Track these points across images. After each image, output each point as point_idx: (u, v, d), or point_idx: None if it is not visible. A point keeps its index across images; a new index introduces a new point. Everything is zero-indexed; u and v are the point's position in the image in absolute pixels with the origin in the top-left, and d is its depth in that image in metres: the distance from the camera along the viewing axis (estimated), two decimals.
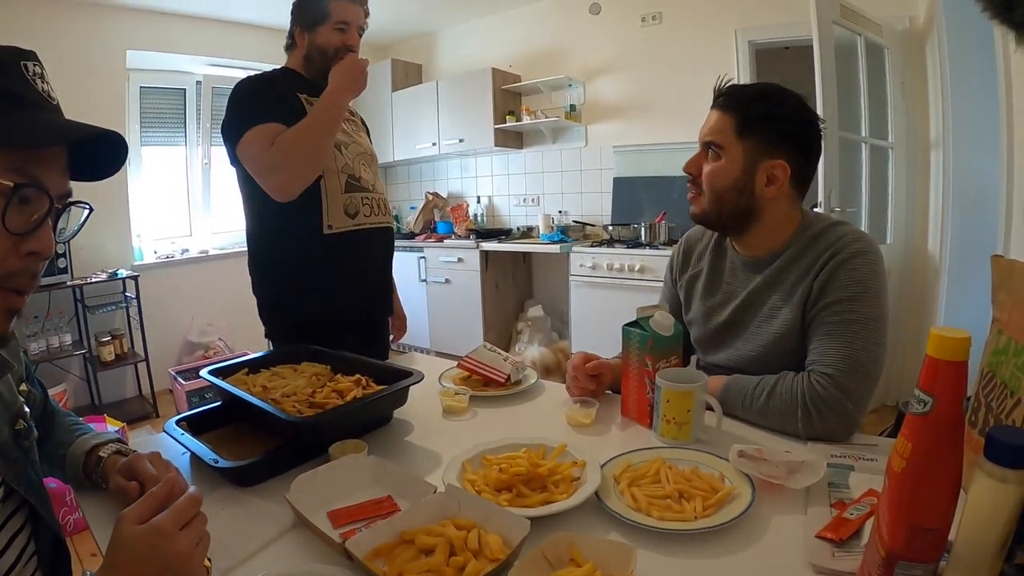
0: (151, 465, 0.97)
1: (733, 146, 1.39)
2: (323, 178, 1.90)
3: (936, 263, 3.62)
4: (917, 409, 0.70)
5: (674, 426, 1.23)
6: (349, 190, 1.96)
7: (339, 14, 1.94)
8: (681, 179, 4.65)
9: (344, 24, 1.95)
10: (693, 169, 1.47)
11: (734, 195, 1.41)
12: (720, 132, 1.40)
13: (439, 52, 6.17)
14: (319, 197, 1.90)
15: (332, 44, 1.94)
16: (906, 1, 3.79)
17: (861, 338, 1.25)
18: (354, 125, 2.14)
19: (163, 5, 4.73)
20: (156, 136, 5.21)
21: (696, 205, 1.49)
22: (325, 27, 1.93)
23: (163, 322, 4.86)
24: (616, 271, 4.35)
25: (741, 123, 1.38)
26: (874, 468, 1.09)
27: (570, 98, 5.25)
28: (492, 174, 5.90)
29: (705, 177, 1.44)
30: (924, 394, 0.69)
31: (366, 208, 2.00)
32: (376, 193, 2.07)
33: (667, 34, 4.75)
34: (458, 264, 5.09)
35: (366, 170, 2.05)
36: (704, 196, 1.45)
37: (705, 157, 1.45)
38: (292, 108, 1.86)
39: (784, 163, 1.37)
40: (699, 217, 1.50)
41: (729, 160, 1.40)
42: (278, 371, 1.48)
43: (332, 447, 1.14)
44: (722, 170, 1.41)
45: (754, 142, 1.37)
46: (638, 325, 1.36)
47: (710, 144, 1.43)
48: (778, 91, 1.40)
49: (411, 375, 1.33)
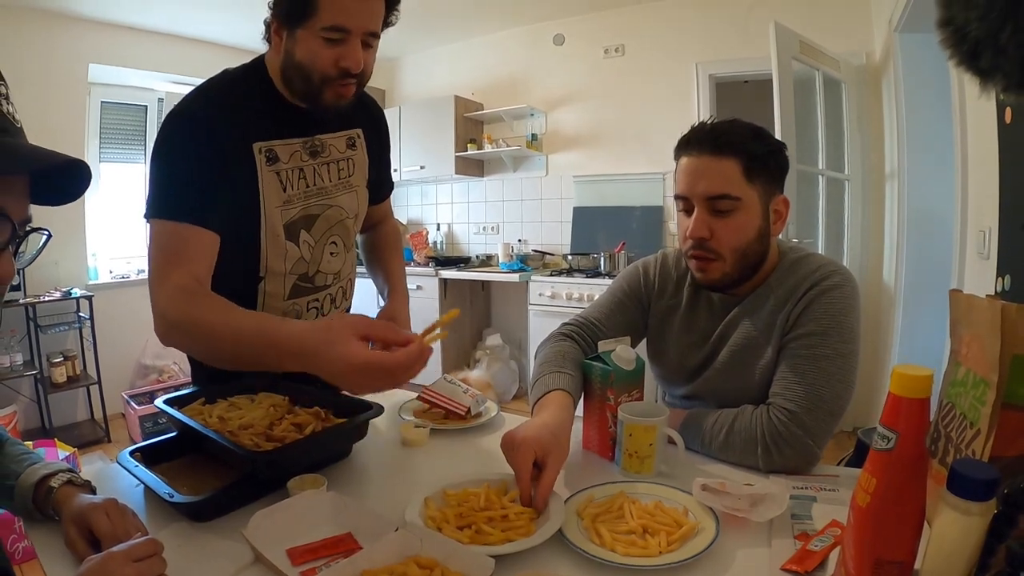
0: (107, 517, 0.93)
1: (748, 194, 1.29)
2: (264, 280, 1.45)
3: (891, 292, 3.69)
4: (881, 445, 0.70)
5: (636, 460, 1.22)
6: (295, 295, 1.51)
7: (330, 13, 1.22)
8: (641, 209, 4.76)
9: (340, 31, 1.24)
10: (705, 232, 1.32)
11: (757, 246, 1.33)
12: (730, 182, 1.28)
13: (403, 78, 6.20)
14: (256, 300, 1.46)
15: (317, 66, 1.26)
16: (863, 38, 3.95)
17: (827, 374, 1.24)
18: (346, 166, 1.54)
19: (128, 19, 4.68)
20: (115, 153, 5.12)
21: (711, 272, 1.35)
22: (308, 31, 1.23)
23: (117, 344, 4.73)
24: (575, 300, 4.36)
25: (747, 165, 1.28)
26: (836, 499, 1.09)
27: (532, 127, 5.30)
28: (452, 201, 5.90)
29: (724, 239, 1.31)
30: (888, 430, 0.69)
31: (311, 312, 1.56)
32: (337, 283, 1.61)
33: (629, 66, 4.86)
34: (417, 292, 5.05)
35: (334, 253, 1.55)
36: (724, 260, 1.33)
37: (711, 214, 1.31)
38: (236, 176, 1.33)
39: (785, 197, 1.37)
40: (718, 284, 1.38)
41: (747, 211, 1.30)
42: (235, 401, 1.42)
43: (291, 482, 1.10)
44: (744, 224, 1.31)
45: (762, 182, 1.31)
46: (600, 359, 1.34)
47: (721, 197, 1.29)
48: (755, 126, 1.35)
49: (371, 408, 1.29)
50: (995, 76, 0.76)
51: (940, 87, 3.07)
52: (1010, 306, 0.82)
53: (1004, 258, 1.87)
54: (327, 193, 1.50)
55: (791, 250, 1.43)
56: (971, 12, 0.74)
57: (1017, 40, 0.70)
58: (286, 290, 1.49)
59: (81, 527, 0.93)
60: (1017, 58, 0.71)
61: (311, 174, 1.46)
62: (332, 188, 1.51)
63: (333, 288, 1.61)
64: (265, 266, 1.43)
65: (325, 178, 1.49)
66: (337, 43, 1.25)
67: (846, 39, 3.94)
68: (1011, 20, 0.70)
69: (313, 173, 1.46)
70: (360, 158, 1.59)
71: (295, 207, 1.44)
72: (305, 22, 1.23)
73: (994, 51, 0.73)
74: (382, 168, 1.73)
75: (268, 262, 1.43)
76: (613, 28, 4.88)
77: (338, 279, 1.61)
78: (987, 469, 0.69)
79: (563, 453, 1.12)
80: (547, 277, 4.57)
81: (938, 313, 1.26)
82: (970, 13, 0.74)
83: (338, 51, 1.25)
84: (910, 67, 3.33)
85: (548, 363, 1.40)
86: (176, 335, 1.21)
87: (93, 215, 4.83)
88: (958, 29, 0.77)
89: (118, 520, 0.93)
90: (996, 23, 0.71)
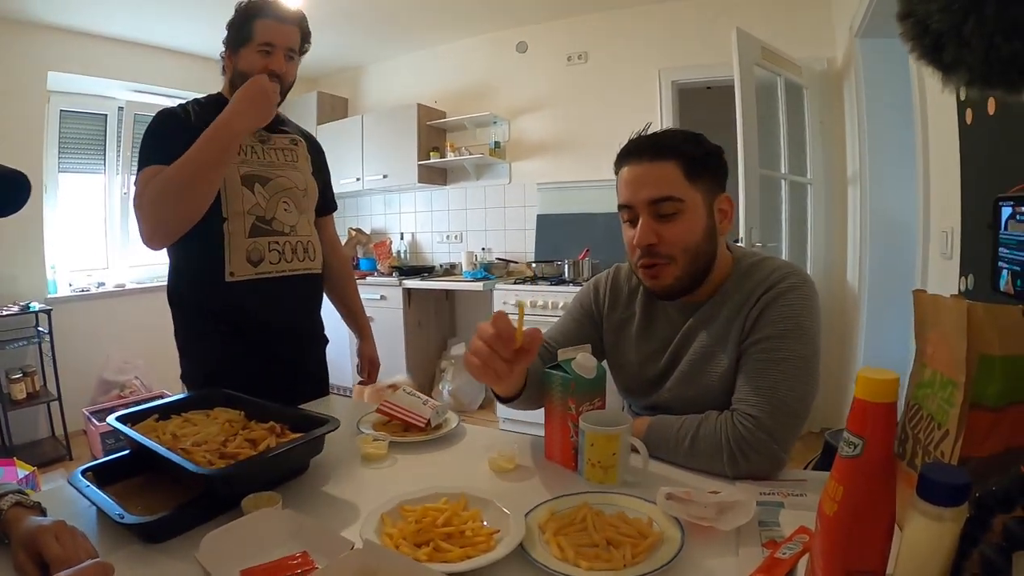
0: (57, 540, 0.88)
1: (691, 194, 1.29)
2: (227, 221, 1.74)
3: (855, 294, 3.72)
4: (847, 452, 0.68)
5: (599, 470, 1.19)
6: (254, 234, 1.78)
7: (263, 35, 1.76)
8: (605, 216, 4.77)
9: (269, 46, 1.76)
10: (652, 238, 1.31)
11: (705, 246, 1.33)
12: (672, 184, 1.28)
13: (366, 86, 6.13)
14: (222, 241, 1.74)
15: (254, 68, 1.75)
16: (824, 43, 4.00)
17: (788, 377, 1.22)
18: (290, 154, 1.94)
19: (89, 26, 4.56)
20: (75, 163, 4.97)
21: (664, 277, 1.33)
22: (248, 49, 1.76)
23: (77, 359, 4.58)
24: (540, 308, 4.32)
25: (687, 167, 1.29)
26: (804, 504, 1.07)
27: (495, 135, 5.27)
28: (415, 210, 5.85)
29: (672, 242, 1.30)
30: (854, 436, 0.67)
31: (273, 254, 1.81)
32: (295, 236, 1.87)
33: (592, 73, 4.86)
34: (380, 302, 4.99)
35: (287, 209, 1.85)
36: (675, 262, 1.31)
37: (656, 219, 1.30)
38: None
39: (727, 196, 1.36)
40: (674, 288, 1.35)
41: (692, 211, 1.30)
42: (190, 417, 1.37)
43: (245, 500, 1.05)
44: (690, 225, 1.30)
45: (703, 182, 1.31)
46: (560, 368, 1.31)
47: (664, 200, 1.28)
48: (691, 132, 1.35)
49: (327, 422, 1.25)
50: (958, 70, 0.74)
51: (901, 91, 3.13)
52: (976, 305, 0.81)
53: (967, 258, 1.89)
54: (276, 166, 1.88)
55: (746, 255, 1.42)
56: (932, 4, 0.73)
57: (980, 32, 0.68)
58: (246, 228, 1.77)
59: (30, 551, 0.88)
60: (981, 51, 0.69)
61: (261, 152, 1.87)
62: (280, 164, 1.89)
63: (292, 239, 1.87)
64: (226, 208, 1.74)
65: (272, 156, 1.88)
66: (268, 55, 1.78)
67: (808, 45, 3.98)
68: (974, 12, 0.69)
69: (263, 151, 1.87)
70: (302, 153, 1.99)
71: (248, 166, 1.80)
72: (247, 43, 1.78)
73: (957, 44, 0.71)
74: (325, 185, 2.12)
75: (228, 204, 1.75)
76: (576, 36, 4.88)
77: (295, 232, 1.88)
78: (958, 473, 0.67)
79: None
80: (511, 285, 4.54)
81: (902, 315, 1.26)
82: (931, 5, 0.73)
83: (267, 60, 1.78)
84: (871, 71, 3.37)
85: None
86: (155, 207, 1.63)
87: (52, 227, 4.69)
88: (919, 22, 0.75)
89: (68, 543, 0.89)
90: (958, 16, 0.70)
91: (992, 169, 1.69)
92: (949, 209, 2.01)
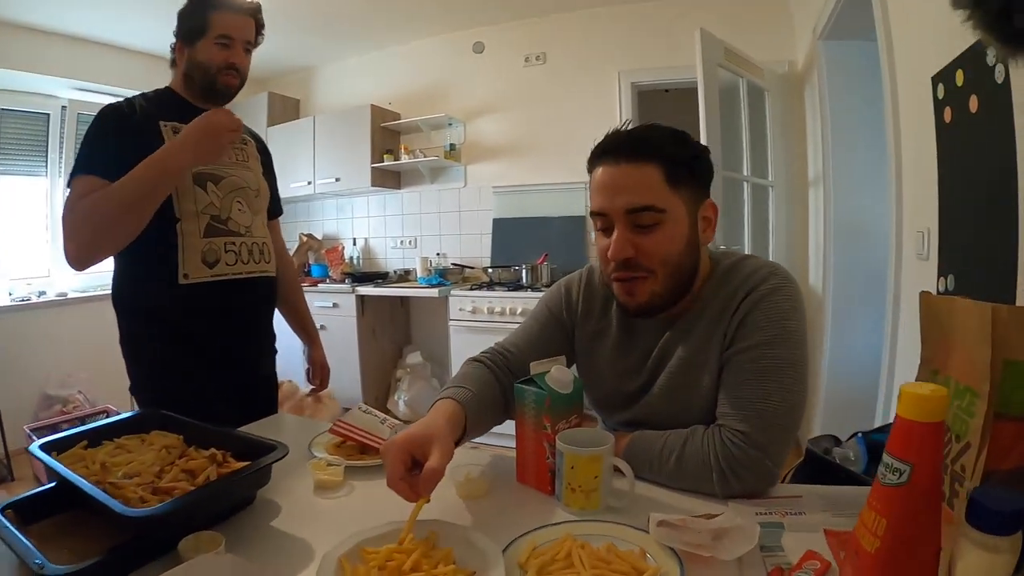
0: None
1: (672, 202, 1.17)
2: (180, 221, 1.67)
3: (819, 296, 3.70)
4: (891, 480, 0.60)
5: (581, 495, 1.07)
6: (210, 234, 1.72)
7: (221, 26, 1.71)
8: (562, 220, 4.73)
9: (227, 39, 1.72)
10: (629, 251, 1.18)
11: (687, 259, 1.21)
12: (652, 191, 1.16)
13: (318, 87, 5.96)
14: (176, 241, 1.67)
15: (214, 61, 1.72)
16: (785, 47, 4.05)
17: (777, 386, 1.12)
18: (241, 153, 1.89)
19: (30, 20, 4.29)
20: (14, 165, 4.67)
21: (642, 293, 1.21)
22: (206, 41, 1.71)
23: (17, 373, 4.31)
24: (497, 315, 4.24)
25: (670, 171, 1.17)
26: (806, 524, 0.99)
27: (450, 137, 5.16)
28: (369, 215, 5.69)
29: (650, 252, 1.18)
30: (899, 462, 0.59)
31: (230, 255, 1.76)
32: (251, 237, 1.83)
33: (550, 75, 4.79)
34: (333, 309, 4.83)
35: (241, 210, 1.80)
36: (654, 275, 1.19)
37: (632, 230, 1.18)
38: (147, 143, 1.59)
39: (712, 202, 1.26)
40: (651, 306, 1.23)
41: (673, 223, 1.18)
42: (123, 443, 1.22)
43: (182, 543, 0.91)
44: (671, 235, 1.18)
45: (687, 189, 1.20)
46: (532, 382, 1.19)
47: (643, 209, 1.16)
48: (675, 129, 1.24)
49: (274, 449, 1.10)
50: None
51: (865, 93, 3.16)
52: (1000, 307, 0.73)
53: (946, 258, 1.85)
54: (227, 165, 1.81)
55: (723, 257, 1.32)
56: None
57: None
58: (201, 228, 1.71)
59: None
60: None
61: None
62: (231, 163, 1.83)
63: (248, 240, 1.82)
64: (178, 207, 1.68)
65: (224, 157, 1.78)
66: (225, 47, 1.74)
67: (769, 49, 3.99)
68: None
69: None
70: (252, 153, 1.95)
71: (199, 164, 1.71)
72: (203, 35, 1.71)
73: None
74: (273, 187, 2.07)
75: (180, 204, 1.68)
76: (534, 36, 4.82)
77: (250, 233, 1.83)
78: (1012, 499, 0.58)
79: (444, 440, 1.03)
80: (467, 292, 4.43)
81: (869, 317, 1.20)
82: None
83: (226, 53, 1.74)
84: (834, 74, 3.36)
85: (443, 388, 1.28)
86: (73, 234, 1.58)
87: None
88: None
89: None
90: None
91: (977, 167, 1.64)
92: (925, 209, 1.97)
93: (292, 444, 1.20)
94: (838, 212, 3.38)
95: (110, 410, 4.30)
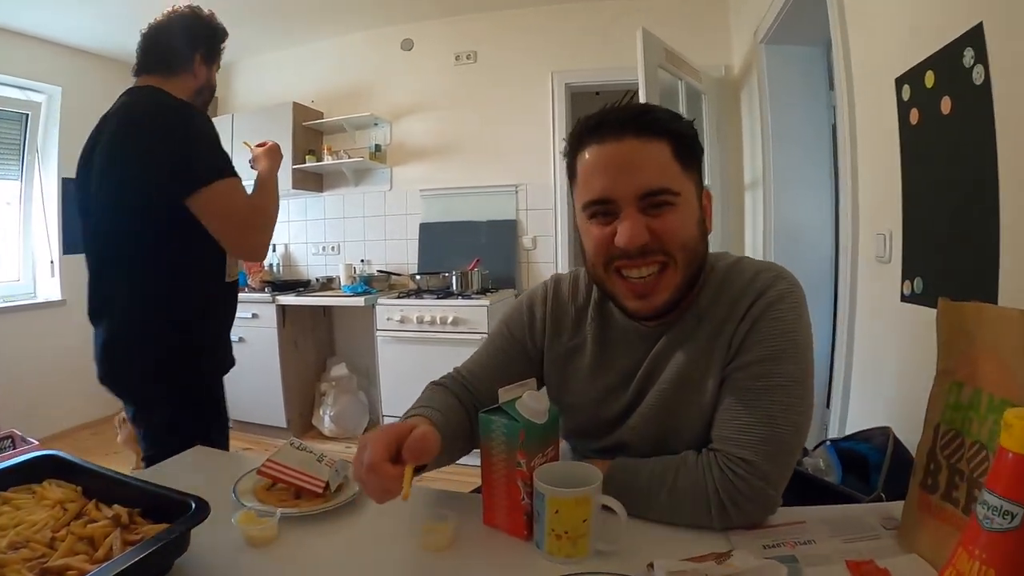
0: None
1: (686, 185, 1.04)
2: None
3: None
4: (1000, 524, 0.50)
5: (567, 542, 0.91)
6: None
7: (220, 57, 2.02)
8: (490, 224, 4.59)
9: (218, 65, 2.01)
10: (646, 236, 1.02)
11: (702, 246, 1.08)
12: (666, 172, 1.02)
13: (236, 84, 5.62)
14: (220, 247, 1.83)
15: (214, 83, 2.01)
16: (722, 51, 4.11)
17: (784, 408, 1.00)
18: None
19: None
20: None
21: (664, 288, 1.06)
22: (214, 69, 1.97)
23: None
24: (427, 324, 4.07)
25: (679, 148, 1.03)
26: (819, 556, 0.89)
27: (375, 138, 4.97)
28: (289, 219, 5.39)
29: (669, 236, 1.02)
30: (1012, 504, 0.49)
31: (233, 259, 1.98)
32: None
33: (482, 74, 4.67)
34: (252, 320, 4.53)
35: None
36: (675, 266, 1.04)
37: (644, 214, 1.02)
38: None
39: (708, 191, 1.13)
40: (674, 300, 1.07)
41: (685, 203, 1.04)
42: (13, 497, 0.97)
43: None
44: (684, 218, 1.04)
45: (694, 170, 1.07)
46: (501, 411, 1.01)
47: (659, 192, 1.01)
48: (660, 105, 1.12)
49: (192, 508, 0.88)
50: None
51: (807, 96, 3.19)
52: None
53: (912, 260, 1.81)
54: None
55: (718, 258, 1.17)
56: None
57: None
58: None
59: None
60: None
61: None
62: None
63: None
64: None
65: None
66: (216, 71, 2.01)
67: (705, 53, 3.99)
68: None
69: None
70: None
71: None
72: (216, 60, 1.98)
73: None
74: None
75: None
76: (465, 34, 4.68)
77: None
78: None
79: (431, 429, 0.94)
80: (394, 300, 4.24)
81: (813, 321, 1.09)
82: None
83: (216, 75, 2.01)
84: (775, 78, 3.35)
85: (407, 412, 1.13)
86: (265, 229, 1.90)
87: None
88: None
89: None
90: None
91: (951, 169, 1.59)
92: (886, 211, 1.93)
93: (211, 487, 1.01)
94: (778, 215, 3.38)
95: (15, 435, 3.81)
